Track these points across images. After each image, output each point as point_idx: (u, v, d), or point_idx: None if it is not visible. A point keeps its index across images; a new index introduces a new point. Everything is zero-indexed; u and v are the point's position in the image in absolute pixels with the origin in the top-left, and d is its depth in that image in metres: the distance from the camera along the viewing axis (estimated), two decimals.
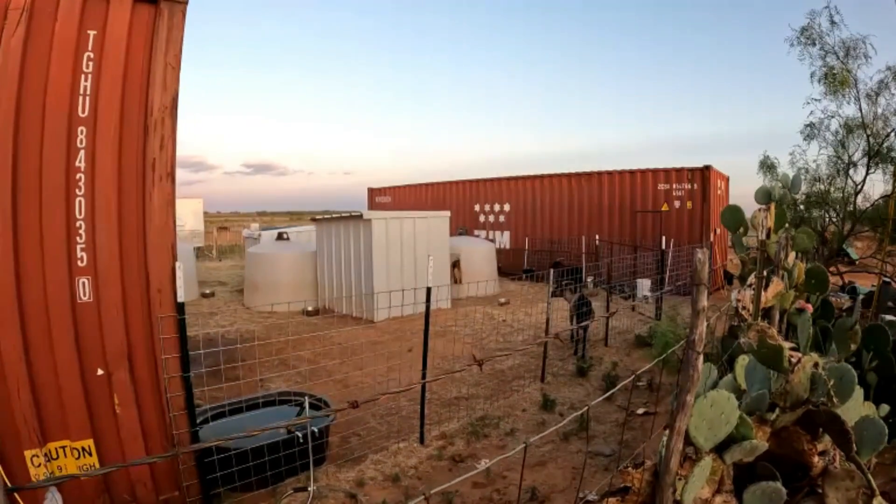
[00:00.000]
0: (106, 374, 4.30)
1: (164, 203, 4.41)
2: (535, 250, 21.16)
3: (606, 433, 6.70)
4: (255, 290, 15.22)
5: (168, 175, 4.41)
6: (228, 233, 40.34)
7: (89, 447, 4.29)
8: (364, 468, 5.85)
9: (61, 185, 4.10)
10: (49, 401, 4.12)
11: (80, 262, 4.19)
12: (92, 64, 4.21)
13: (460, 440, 6.58)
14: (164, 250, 4.43)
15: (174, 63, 4.45)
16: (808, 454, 2.73)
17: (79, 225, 4.17)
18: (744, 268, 5.64)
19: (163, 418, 4.54)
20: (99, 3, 4.24)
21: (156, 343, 4.43)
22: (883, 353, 4.39)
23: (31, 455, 4.05)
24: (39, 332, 4.05)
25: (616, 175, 19.26)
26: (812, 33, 13.52)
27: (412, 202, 26.31)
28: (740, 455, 2.41)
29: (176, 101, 4.46)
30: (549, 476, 5.62)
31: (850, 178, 14.27)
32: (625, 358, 10.14)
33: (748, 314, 4.42)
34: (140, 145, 4.35)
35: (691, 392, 2.11)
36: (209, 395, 6.62)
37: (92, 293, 4.23)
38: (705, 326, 2.13)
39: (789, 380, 2.60)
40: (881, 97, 13.36)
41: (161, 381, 4.48)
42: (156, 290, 4.40)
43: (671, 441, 2.16)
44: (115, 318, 4.30)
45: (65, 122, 4.11)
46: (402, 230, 14.09)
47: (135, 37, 4.36)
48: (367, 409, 7.20)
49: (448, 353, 9.73)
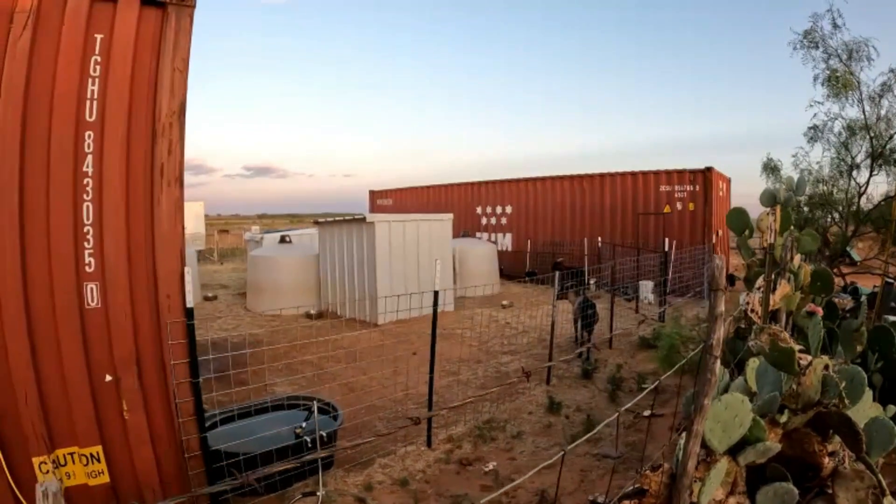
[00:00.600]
0: (114, 379, 4.27)
1: (172, 208, 4.40)
2: (538, 252, 21.16)
3: (613, 435, 6.70)
4: (257, 294, 15.23)
5: (176, 180, 4.41)
6: (229, 235, 40.35)
7: (98, 453, 4.26)
8: (372, 472, 5.86)
9: (69, 189, 4.09)
10: (57, 407, 4.10)
11: (88, 268, 4.17)
12: (99, 68, 4.20)
13: (468, 443, 6.59)
14: (172, 255, 4.42)
15: (182, 67, 4.45)
16: (819, 455, 2.74)
17: (86, 230, 4.16)
18: (750, 270, 5.64)
19: (172, 424, 4.52)
20: (106, 7, 4.24)
21: (164, 348, 4.41)
22: (888, 355, 4.39)
23: (39, 462, 4.02)
24: (47, 338, 4.04)
25: (618, 177, 19.28)
26: (815, 36, 13.53)
27: (413, 205, 26.33)
28: (754, 457, 2.42)
29: (184, 106, 4.46)
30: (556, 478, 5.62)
31: (854, 179, 14.28)
32: (629, 360, 10.14)
33: (757, 317, 4.43)
34: (148, 150, 4.34)
35: (709, 395, 2.12)
36: (216, 400, 6.62)
37: (100, 299, 4.21)
38: (723, 331, 2.14)
39: (801, 382, 2.61)
40: (884, 99, 13.37)
41: (170, 387, 4.46)
42: (164, 296, 4.39)
43: (689, 444, 2.16)
44: (124, 324, 4.28)
45: (72, 126, 4.10)
46: (405, 233, 14.11)
47: (142, 41, 4.35)
48: (375, 413, 7.21)
49: (453, 356, 9.74)
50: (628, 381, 8.77)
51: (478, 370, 9.54)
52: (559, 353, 10.03)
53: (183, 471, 4.60)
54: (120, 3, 4.28)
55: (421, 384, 6.92)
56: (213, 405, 6.56)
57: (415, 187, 26.97)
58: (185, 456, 4.56)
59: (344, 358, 9.72)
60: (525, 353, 10.55)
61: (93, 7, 4.19)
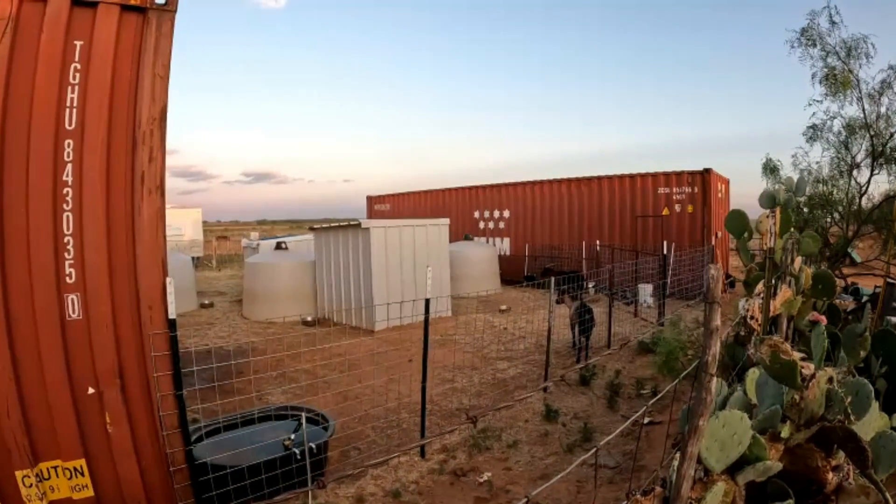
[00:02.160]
0: (97, 392, 4.18)
1: (153, 217, 4.28)
2: (536, 256, 21.07)
3: (611, 444, 6.57)
4: (253, 301, 15.13)
5: (157, 188, 4.29)
6: (228, 242, 40.31)
7: (81, 467, 4.18)
8: (364, 484, 5.74)
9: (48, 199, 3.99)
10: (39, 420, 4.01)
11: (69, 279, 4.08)
12: (79, 75, 4.10)
13: (462, 453, 6.47)
14: (154, 265, 4.31)
15: (163, 73, 4.35)
16: (822, 471, 2.62)
17: (67, 240, 4.06)
18: (749, 275, 5.53)
19: (156, 437, 4.43)
20: (86, 13, 4.14)
21: (147, 360, 4.31)
22: (893, 360, 4.28)
23: (22, 475, 3.95)
24: (28, 350, 3.95)
25: (616, 179, 19.20)
26: (812, 34, 13.45)
27: (411, 210, 26.25)
28: (753, 476, 2.30)
29: (165, 112, 4.35)
30: (553, 489, 5.49)
31: (854, 179, 14.18)
32: (628, 365, 10.02)
33: (756, 324, 4.31)
34: (128, 158, 4.23)
35: (704, 416, 2.00)
36: (208, 411, 6.51)
37: (81, 310, 4.12)
38: (719, 347, 2.02)
39: (803, 396, 2.49)
40: (884, 97, 13.27)
41: (154, 399, 4.36)
42: (146, 307, 4.28)
43: (682, 466, 2.04)
44: (106, 336, 4.19)
45: (51, 134, 4.00)
46: (402, 238, 13.99)
47: (122, 47, 4.25)
48: (367, 423, 7.09)
49: (449, 363, 9.62)
50: (627, 388, 8.64)
51: (474, 377, 9.41)
52: (557, 359, 9.92)
53: (168, 484, 4.51)
54: (100, 9, 4.18)
55: (416, 392, 6.80)
56: (205, 415, 6.45)
57: (412, 192, 26.89)
58: (170, 469, 4.47)
59: (339, 366, 9.61)
60: (522, 359, 10.43)
61: (72, 13, 4.10)
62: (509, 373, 9.65)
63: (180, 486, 4.56)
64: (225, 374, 8.15)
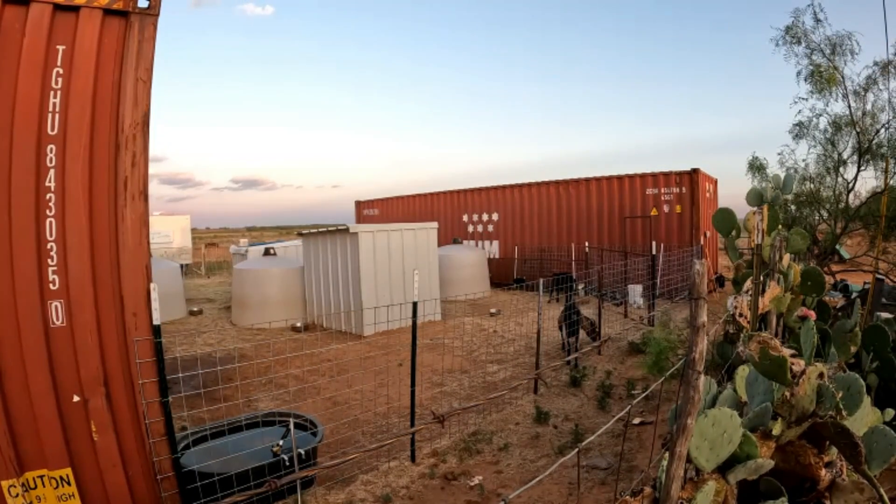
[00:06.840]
0: (82, 400, 4.13)
1: (137, 223, 4.24)
2: (525, 259, 21.07)
3: (602, 445, 6.55)
4: (242, 307, 15.03)
5: (140, 194, 4.25)
6: (217, 249, 40.14)
7: (68, 476, 4.12)
8: (354, 489, 5.69)
9: (31, 205, 3.95)
10: (25, 429, 3.95)
11: (52, 286, 4.03)
12: (61, 80, 4.07)
13: (452, 457, 6.42)
14: (138, 271, 4.26)
15: (145, 77, 4.31)
16: (815, 468, 2.61)
17: (50, 247, 4.02)
18: (738, 272, 5.53)
19: (142, 445, 4.37)
20: (68, 17, 4.11)
21: (133, 367, 4.26)
22: (883, 355, 4.28)
23: (8, 485, 3.89)
24: (12, 358, 3.89)
25: (604, 181, 19.21)
26: (797, 31, 13.47)
27: (400, 214, 26.22)
28: (745, 475, 2.28)
29: (147, 116, 4.31)
30: (544, 492, 5.47)
31: (841, 175, 14.22)
32: (618, 366, 10.00)
33: (745, 321, 4.30)
34: (111, 163, 4.19)
35: (692, 415, 1.97)
36: (196, 418, 6.45)
37: (65, 317, 4.07)
38: (706, 343, 2.00)
39: (794, 392, 2.47)
40: (869, 93, 13.31)
41: (139, 407, 4.31)
42: (131, 313, 4.23)
43: (671, 466, 2.01)
44: (90, 343, 4.13)
45: (34, 140, 3.96)
46: (390, 243, 13.94)
47: (105, 51, 4.22)
48: (357, 427, 7.05)
49: (439, 366, 9.58)
50: (618, 388, 8.62)
51: (464, 380, 9.37)
52: (547, 361, 9.90)
53: (155, 492, 4.47)
54: (82, 14, 4.15)
55: (405, 396, 6.76)
56: (193, 422, 6.39)
57: (401, 197, 26.85)
58: (157, 477, 4.42)
59: (328, 371, 9.56)
60: (512, 361, 10.41)
61: (55, 18, 4.07)
62: (499, 375, 9.60)
63: (168, 494, 4.52)
64: (213, 381, 8.09)
